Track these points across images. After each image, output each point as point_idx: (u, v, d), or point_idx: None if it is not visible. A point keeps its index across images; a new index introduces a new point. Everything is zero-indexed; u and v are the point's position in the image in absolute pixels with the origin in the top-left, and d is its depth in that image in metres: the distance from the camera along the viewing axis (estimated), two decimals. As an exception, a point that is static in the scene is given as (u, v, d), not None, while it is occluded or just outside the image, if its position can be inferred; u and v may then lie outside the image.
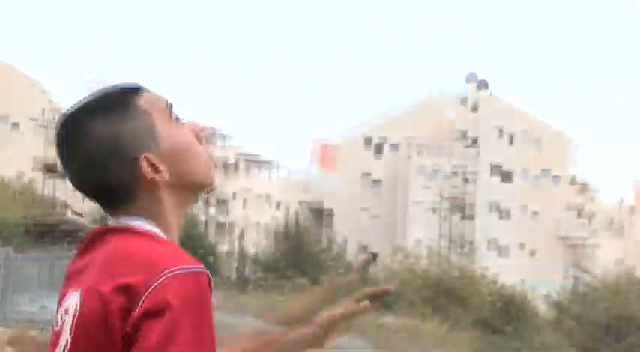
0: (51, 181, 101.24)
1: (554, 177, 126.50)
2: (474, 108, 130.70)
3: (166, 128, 3.03)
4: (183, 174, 3.03)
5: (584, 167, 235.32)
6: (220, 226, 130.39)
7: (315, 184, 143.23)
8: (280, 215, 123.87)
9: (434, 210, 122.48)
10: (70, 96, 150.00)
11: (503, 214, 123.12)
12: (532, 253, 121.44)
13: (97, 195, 3.03)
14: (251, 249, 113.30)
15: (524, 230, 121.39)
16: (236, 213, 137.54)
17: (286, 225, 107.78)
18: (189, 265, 2.75)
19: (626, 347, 72.73)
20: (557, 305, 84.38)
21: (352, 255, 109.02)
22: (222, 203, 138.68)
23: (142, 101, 3.06)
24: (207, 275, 2.82)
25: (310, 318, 3.71)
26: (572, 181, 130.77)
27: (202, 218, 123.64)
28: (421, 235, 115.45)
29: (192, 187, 3.12)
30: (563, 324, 75.87)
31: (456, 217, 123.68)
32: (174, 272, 2.69)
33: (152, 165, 2.93)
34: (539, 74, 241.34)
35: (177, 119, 3.13)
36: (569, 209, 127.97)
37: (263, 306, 71.05)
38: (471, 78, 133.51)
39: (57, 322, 2.94)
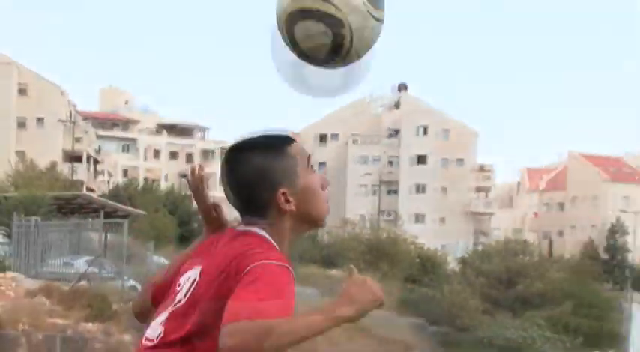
0: (75, 167, 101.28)
1: (459, 160, 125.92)
2: (397, 107, 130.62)
3: (303, 173, 3.22)
4: (306, 210, 3.23)
5: (484, 153, 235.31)
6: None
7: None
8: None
9: (368, 188, 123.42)
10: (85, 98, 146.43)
11: (420, 190, 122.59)
12: (442, 221, 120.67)
13: (240, 208, 3.29)
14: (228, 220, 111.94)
15: (436, 203, 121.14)
16: (215, 189, 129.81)
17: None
18: (283, 262, 2.98)
19: (515, 293, 72.86)
20: (463, 261, 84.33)
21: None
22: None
23: (292, 149, 3.27)
24: (291, 271, 3.03)
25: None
26: (475, 164, 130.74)
27: (190, 193, 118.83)
28: (359, 209, 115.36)
29: (309, 221, 3.31)
30: (467, 276, 75.52)
31: (385, 194, 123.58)
32: (268, 262, 2.94)
33: (285, 198, 3.15)
34: (450, 76, 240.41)
35: (312, 167, 3.33)
36: (472, 187, 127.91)
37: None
38: (398, 86, 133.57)
39: (178, 284, 3.28)
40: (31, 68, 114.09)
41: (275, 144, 3.27)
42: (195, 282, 3.19)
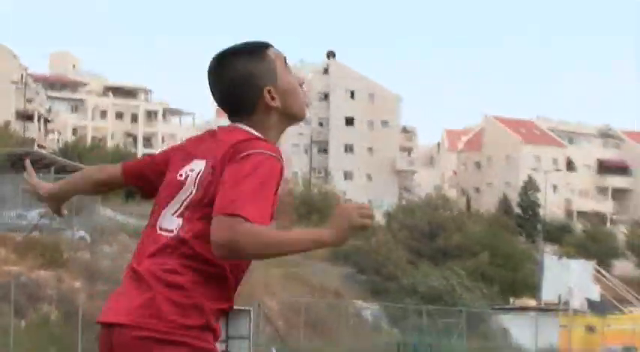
0: (26, 125, 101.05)
1: (384, 122, 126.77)
2: (326, 73, 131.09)
3: (283, 72, 3.35)
4: (288, 105, 3.35)
5: (408, 116, 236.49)
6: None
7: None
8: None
9: (300, 147, 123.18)
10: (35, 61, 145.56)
11: (349, 150, 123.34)
12: (369, 178, 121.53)
13: (229, 109, 3.40)
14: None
15: (363, 162, 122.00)
16: (157, 147, 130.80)
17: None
18: (273, 152, 3.09)
19: (437, 245, 73.78)
20: (389, 215, 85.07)
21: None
22: (147, 140, 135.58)
23: (270, 52, 3.39)
24: (281, 162, 3.16)
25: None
26: (399, 126, 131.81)
27: (135, 151, 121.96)
28: (293, 167, 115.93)
29: (292, 116, 3.44)
30: (392, 229, 76.05)
31: (317, 153, 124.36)
32: (263, 151, 3.06)
33: (270, 95, 3.28)
34: (375, 44, 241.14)
35: (288, 68, 3.46)
36: (397, 147, 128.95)
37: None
38: (327, 53, 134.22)
39: (181, 175, 3.34)
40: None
41: (254, 49, 3.42)
42: (201, 173, 3.27)
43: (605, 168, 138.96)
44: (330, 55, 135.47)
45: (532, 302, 71.34)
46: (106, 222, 52.00)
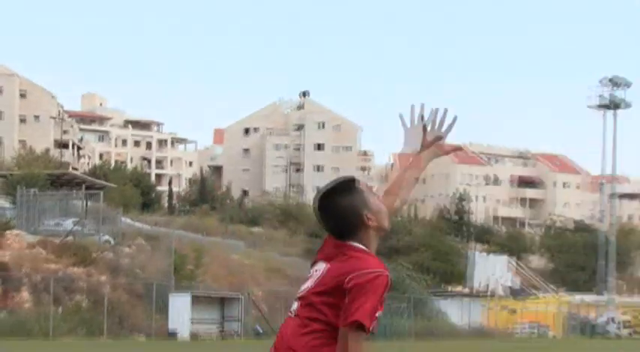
0: (63, 152, 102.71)
1: (347, 147, 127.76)
2: (301, 108, 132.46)
3: (370, 197, 3.35)
4: (380, 222, 3.34)
5: (367, 142, 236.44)
6: (160, 176, 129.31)
7: (214, 152, 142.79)
8: (195, 171, 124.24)
9: (280, 168, 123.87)
10: (70, 100, 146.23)
11: (320, 170, 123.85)
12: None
13: (339, 234, 3.36)
14: (177, 190, 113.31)
15: (331, 179, 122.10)
16: (167, 168, 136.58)
17: (200, 177, 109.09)
18: (379, 269, 3.12)
19: (390, 244, 72.28)
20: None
21: (235, 193, 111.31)
22: (159, 162, 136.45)
23: (359, 185, 3.43)
24: (388, 277, 3.18)
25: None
26: (360, 151, 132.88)
27: (149, 171, 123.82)
28: (275, 183, 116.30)
29: (383, 229, 3.41)
30: None
31: (294, 172, 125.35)
32: (370, 271, 3.10)
33: (368, 218, 3.29)
34: (341, 84, 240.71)
35: (372, 190, 3.52)
36: (358, 167, 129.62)
37: (184, 222, 70.48)
38: (302, 92, 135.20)
39: (311, 273, 3.41)
40: (28, 77, 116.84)
41: (350, 186, 3.44)
42: (321, 276, 3.34)
43: (522, 182, 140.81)
44: (304, 94, 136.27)
45: (465, 290, 72.13)
46: (126, 228, 52.12)
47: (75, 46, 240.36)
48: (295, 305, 3.38)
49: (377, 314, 3.17)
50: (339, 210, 3.33)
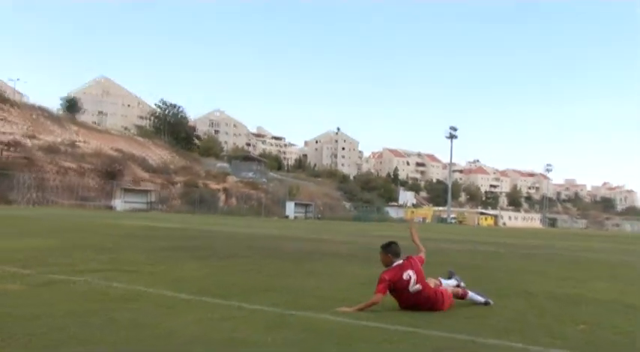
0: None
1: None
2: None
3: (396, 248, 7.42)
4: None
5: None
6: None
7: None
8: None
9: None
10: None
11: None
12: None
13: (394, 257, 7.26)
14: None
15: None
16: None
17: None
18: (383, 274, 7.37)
19: None
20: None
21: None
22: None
23: (395, 245, 7.52)
24: (390, 270, 7.38)
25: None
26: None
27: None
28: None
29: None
30: None
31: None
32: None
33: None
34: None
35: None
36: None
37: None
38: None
39: (409, 276, 7.35)
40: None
41: (392, 245, 7.59)
42: (414, 276, 7.33)
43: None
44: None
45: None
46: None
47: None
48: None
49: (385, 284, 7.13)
50: (388, 252, 7.61)
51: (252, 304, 7.59)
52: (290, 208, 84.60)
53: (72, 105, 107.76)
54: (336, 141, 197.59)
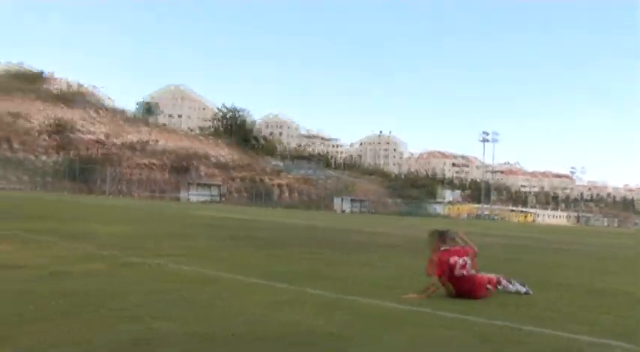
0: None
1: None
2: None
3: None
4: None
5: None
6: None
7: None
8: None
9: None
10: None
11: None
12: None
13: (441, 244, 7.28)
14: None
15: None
16: None
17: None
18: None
19: None
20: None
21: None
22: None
23: (451, 231, 7.53)
24: (444, 252, 7.29)
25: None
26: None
27: None
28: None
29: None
30: None
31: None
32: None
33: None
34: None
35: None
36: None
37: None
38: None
39: (454, 261, 7.29)
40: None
41: (440, 231, 7.63)
42: (461, 262, 7.30)
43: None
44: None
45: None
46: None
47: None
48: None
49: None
50: (441, 237, 7.58)
51: (313, 289, 7.65)
52: (345, 203, 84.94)
53: (148, 108, 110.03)
54: (387, 142, 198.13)
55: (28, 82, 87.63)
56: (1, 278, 7.37)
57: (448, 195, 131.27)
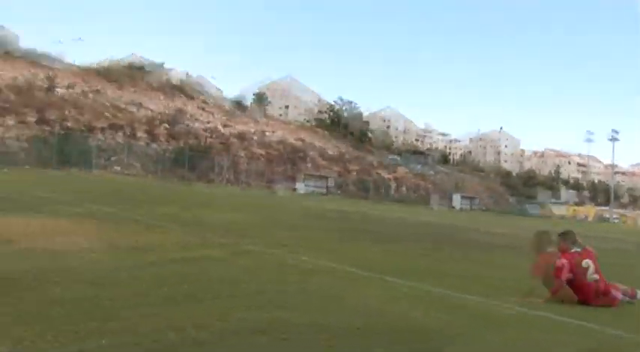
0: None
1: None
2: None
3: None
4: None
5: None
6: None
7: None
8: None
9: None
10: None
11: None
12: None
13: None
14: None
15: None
16: None
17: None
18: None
19: None
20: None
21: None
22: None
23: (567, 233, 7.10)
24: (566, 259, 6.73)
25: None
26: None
27: None
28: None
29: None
30: None
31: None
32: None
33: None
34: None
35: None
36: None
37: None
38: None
39: (587, 265, 6.85)
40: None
41: (569, 232, 7.11)
42: (593, 266, 6.80)
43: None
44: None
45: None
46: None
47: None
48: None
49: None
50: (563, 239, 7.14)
51: (426, 285, 7.60)
52: (457, 200, 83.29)
53: (260, 99, 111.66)
54: (501, 139, 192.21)
55: (148, 73, 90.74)
56: (134, 263, 7.67)
57: (564, 195, 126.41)
